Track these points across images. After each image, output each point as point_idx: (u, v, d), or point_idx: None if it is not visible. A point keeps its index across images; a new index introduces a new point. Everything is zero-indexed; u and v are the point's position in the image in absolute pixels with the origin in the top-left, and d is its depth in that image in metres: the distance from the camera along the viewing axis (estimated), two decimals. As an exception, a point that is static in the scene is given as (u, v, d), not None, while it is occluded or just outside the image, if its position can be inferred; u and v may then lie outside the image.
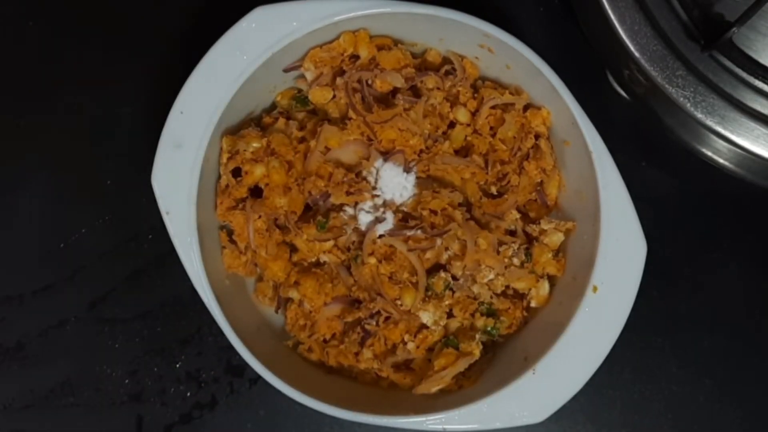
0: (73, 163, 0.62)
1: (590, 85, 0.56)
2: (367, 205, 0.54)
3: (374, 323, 0.53)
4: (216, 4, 0.62)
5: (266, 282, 0.56)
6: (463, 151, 0.56)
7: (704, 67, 0.49)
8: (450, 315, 0.54)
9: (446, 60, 0.57)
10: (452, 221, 0.53)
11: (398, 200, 0.54)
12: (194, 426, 0.59)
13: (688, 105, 0.49)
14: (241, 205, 0.54)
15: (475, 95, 0.56)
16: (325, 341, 0.54)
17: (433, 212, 0.53)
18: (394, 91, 0.55)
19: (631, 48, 0.50)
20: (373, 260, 0.53)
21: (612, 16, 0.50)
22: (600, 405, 0.59)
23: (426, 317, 0.53)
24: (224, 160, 0.54)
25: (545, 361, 0.50)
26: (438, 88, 0.55)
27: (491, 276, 0.53)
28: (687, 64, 0.49)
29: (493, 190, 0.55)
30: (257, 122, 0.56)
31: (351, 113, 0.54)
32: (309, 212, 0.55)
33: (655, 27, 0.50)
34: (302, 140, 0.55)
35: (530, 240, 0.55)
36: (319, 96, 0.55)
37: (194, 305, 0.51)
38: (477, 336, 0.53)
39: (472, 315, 0.54)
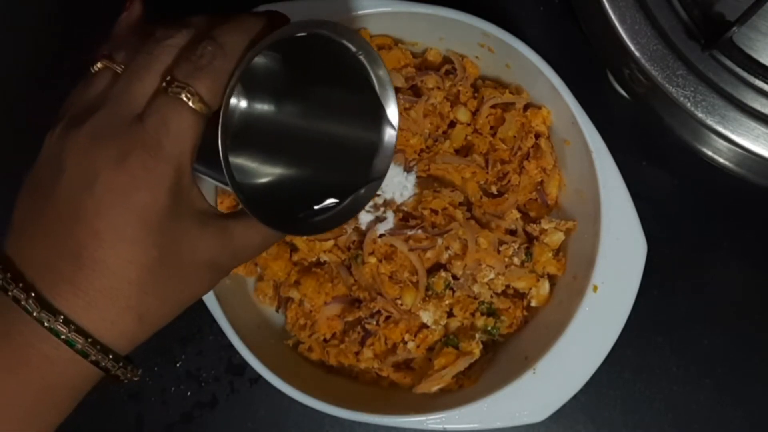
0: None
1: (590, 85, 0.56)
2: (368, 204, 0.54)
3: (374, 323, 0.53)
4: (216, 3, 0.62)
5: (266, 281, 0.56)
6: (464, 151, 0.56)
7: (705, 67, 0.49)
8: (450, 314, 0.54)
9: (446, 59, 0.57)
10: (453, 220, 0.53)
11: (399, 199, 0.54)
12: (195, 425, 0.59)
13: (689, 104, 0.49)
14: (241, 205, 0.54)
15: (476, 94, 0.56)
16: (325, 340, 0.54)
17: (434, 212, 0.53)
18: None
19: (632, 47, 0.50)
20: (373, 260, 0.53)
21: (612, 16, 0.50)
22: (600, 405, 0.59)
23: (426, 317, 0.53)
24: (224, 159, 0.54)
25: (545, 360, 0.50)
26: (438, 88, 0.55)
27: (492, 275, 0.53)
28: (687, 63, 0.49)
29: (494, 189, 0.55)
30: (257, 122, 0.56)
31: (351, 112, 0.54)
32: (309, 212, 0.55)
33: (655, 26, 0.50)
34: (303, 139, 0.55)
35: (531, 239, 0.55)
36: (320, 95, 0.55)
37: (195, 304, 0.51)
38: (477, 335, 0.53)
39: (473, 314, 0.54)
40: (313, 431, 0.59)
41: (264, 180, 0.43)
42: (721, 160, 0.55)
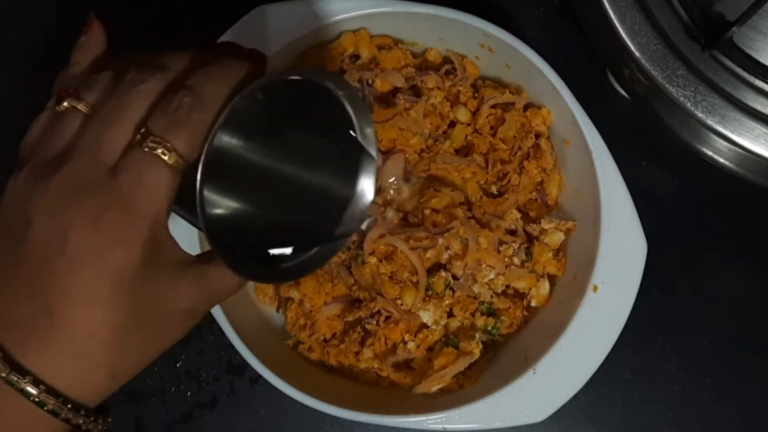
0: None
1: (590, 85, 0.56)
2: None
3: (374, 323, 0.53)
4: (216, 3, 0.62)
5: (266, 281, 0.56)
6: (464, 151, 0.56)
7: (705, 67, 0.49)
8: (450, 314, 0.54)
9: (446, 59, 0.57)
10: (454, 220, 0.53)
11: (399, 199, 0.54)
12: (195, 425, 0.59)
13: (689, 104, 0.49)
14: (241, 205, 0.54)
15: (476, 94, 0.56)
16: (325, 341, 0.54)
17: (435, 211, 0.53)
18: (395, 91, 0.56)
19: (632, 47, 0.50)
20: (373, 259, 0.53)
21: (612, 16, 0.50)
22: (600, 405, 0.59)
23: (426, 317, 0.53)
24: (224, 159, 0.54)
25: (545, 360, 0.50)
26: (438, 88, 0.55)
27: (492, 275, 0.53)
28: (687, 63, 0.49)
29: (494, 189, 0.55)
30: (257, 122, 0.56)
31: (351, 113, 0.54)
32: (309, 212, 0.55)
33: (655, 26, 0.50)
34: (303, 140, 0.55)
35: (531, 239, 0.55)
36: (320, 95, 0.55)
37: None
38: (477, 335, 0.53)
39: (473, 314, 0.54)
40: (313, 431, 0.59)
41: (235, 221, 0.42)
42: (721, 160, 0.55)
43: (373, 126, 0.41)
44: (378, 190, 0.54)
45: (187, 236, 0.45)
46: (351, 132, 0.40)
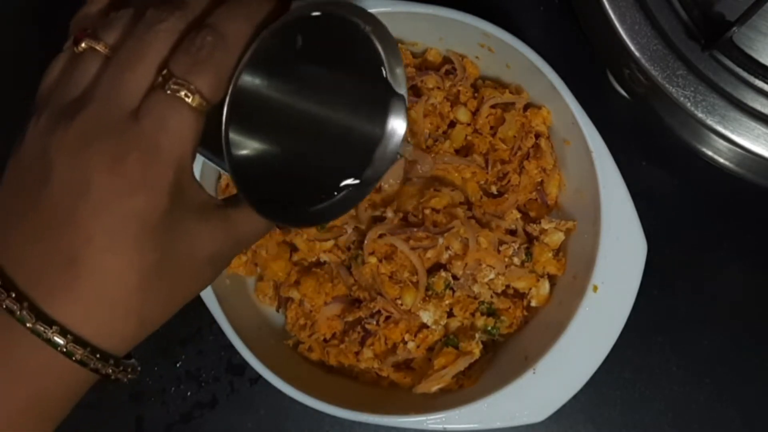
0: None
1: (590, 85, 0.56)
2: (367, 203, 0.54)
3: (374, 323, 0.53)
4: (216, 3, 0.62)
5: (267, 281, 0.56)
6: (464, 151, 0.56)
7: (705, 67, 0.49)
8: (450, 314, 0.54)
9: (446, 59, 0.57)
10: (454, 219, 0.53)
11: (399, 199, 0.54)
12: (195, 425, 0.59)
13: (689, 104, 0.49)
14: (241, 205, 0.54)
15: (476, 94, 0.56)
16: (325, 341, 0.54)
17: (435, 211, 0.53)
18: (395, 91, 0.55)
19: (632, 47, 0.50)
20: (373, 260, 0.53)
21: (612, 16, 0.50)
22: (600, 405, 0.59)
23: (426, 317, 0.53)
24: (224, 159, 0.54)
25: (545, 360, 0.50)
26: (438, 88, 0.55)
27: (492, 275, 0.53)
28: (687, 63, 0.49)
29: (494, 189, 0.55)
30: (257, 122, 0.56)
31: (351, 113, 0.54)
32: (309, 212, 0.55)
33: (655, 26, 0.50)
34: (302, 140, 0.55)
35: (531, 239, 0.55)
36: (320, 95, 0.55)
37: (194, 305, 0.50)
38: (477, 335, 0.53)
39: (473, 314, 0.54)
40: (313, 431, 0.59)
41: (260, 163, 0.40)
42: (721, 160, 0.55)
43: (403, 64, 0.39)
44: (378, 190, 0.54)
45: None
46: (380, 70, 0.38)
